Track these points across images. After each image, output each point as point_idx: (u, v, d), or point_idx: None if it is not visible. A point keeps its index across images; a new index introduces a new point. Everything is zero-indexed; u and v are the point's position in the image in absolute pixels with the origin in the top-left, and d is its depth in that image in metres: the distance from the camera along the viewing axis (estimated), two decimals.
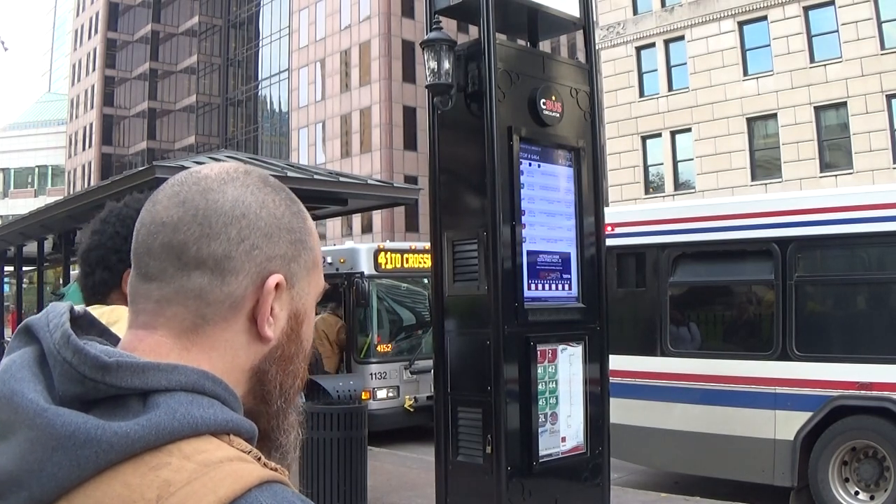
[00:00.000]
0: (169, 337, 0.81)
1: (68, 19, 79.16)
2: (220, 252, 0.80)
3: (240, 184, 0.83)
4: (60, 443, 0.71)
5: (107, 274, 1.81)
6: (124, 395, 0.75)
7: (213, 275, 0.80)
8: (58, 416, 0.72)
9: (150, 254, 0.81)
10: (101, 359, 0.74)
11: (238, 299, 0.82)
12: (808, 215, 7.21)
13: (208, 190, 0.82)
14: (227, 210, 0.81)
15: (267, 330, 0.83)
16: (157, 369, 0.76)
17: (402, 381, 11.50)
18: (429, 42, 4.77)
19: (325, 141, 46.58)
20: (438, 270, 4.90)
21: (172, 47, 63.93)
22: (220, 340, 0.82)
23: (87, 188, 19.41)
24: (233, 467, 0.72)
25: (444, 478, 4.80)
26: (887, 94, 23.25)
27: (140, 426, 0.72)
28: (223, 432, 0.76)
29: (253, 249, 0.82)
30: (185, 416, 0.74)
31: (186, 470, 0.71)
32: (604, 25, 28.85)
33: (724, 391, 7.33)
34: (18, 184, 74.47)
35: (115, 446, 0.71)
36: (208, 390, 0.78)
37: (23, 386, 0.74)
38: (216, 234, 0.80)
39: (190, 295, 0.81)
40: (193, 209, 0.81)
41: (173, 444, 0.73)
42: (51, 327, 0.78)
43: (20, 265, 16.63)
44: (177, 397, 0.75)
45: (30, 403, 0.73)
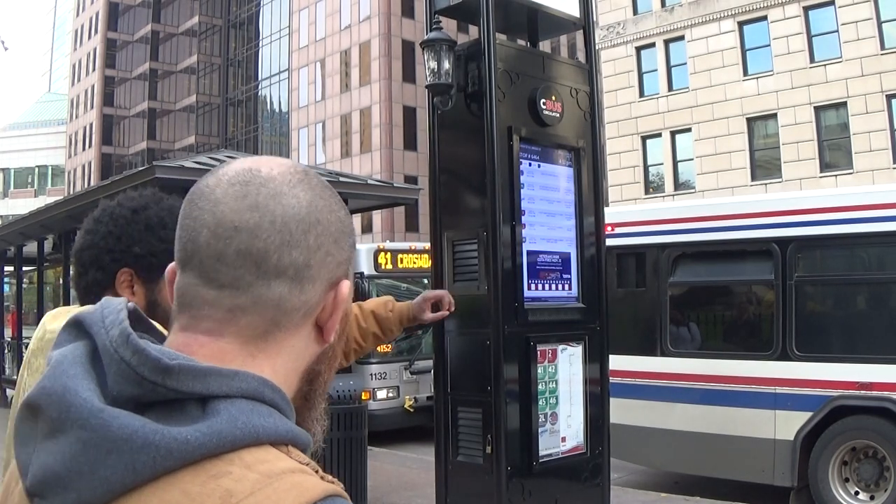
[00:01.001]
0: (235, 344, 0.78)
1: (68, 19, 79.17)
2: (301, 260, 0.78)
3: (307, 187, 0.81)
4: (116, 446, 0.68)
5: (100, 274, 1.79)
6: (182, 400, 0.72)
7: (293, 283, 0.78)
8: (114, 417, 0.69)
9: (223, 260, 0.77)
10: (163, 361, 0.72)
11: (312, 306, 0.81)
12: (808, 215, 7.21)
13: (280, 194, 0.78)
14: (304, 216, 0.79)
15: (332, 336, 0.83)
16: (219, 375, 0.73)
17: (402, 381, 11.51)
18: (429, 42, 4.77)
19: (325, 141, 46.59)
20: (438, 270, 4.90)
21: (172, 47, 63.94)
22: (287, 346, 0.80)
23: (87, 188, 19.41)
24: (295, 479, 0.70)
25: (444, 478, 4.80)
26: (887, 94, 23.25)
27: (201, 433, 0.69)
28: (282, 443, 0.74)
29: (327, 256, 0.80)
30: (247, 424, 0.72)
31: (249, 480, 0.69)
32: (604, 25, 28.86)
33: (724, 391, 7.33)
34: (18, 184, 74.48)
35: (174, 452, 0.68)
36: (267, 399, 0.75)
37: (76, 383, 0.71)
38: (297, 242, 0.78)
39: (269, 304, 0.78)
40: (270, 215, 0.77)
41: (234, 453, 0.70)
42: (107, 324, 0.75)
43: (20, 265, 16.64)
44: (237, 404, 0.73)
45: (84, 402, 0.70)
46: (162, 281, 1.81)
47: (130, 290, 1.78)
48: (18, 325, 16.67)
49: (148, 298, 1.78)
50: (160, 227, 1.79)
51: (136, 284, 1.79)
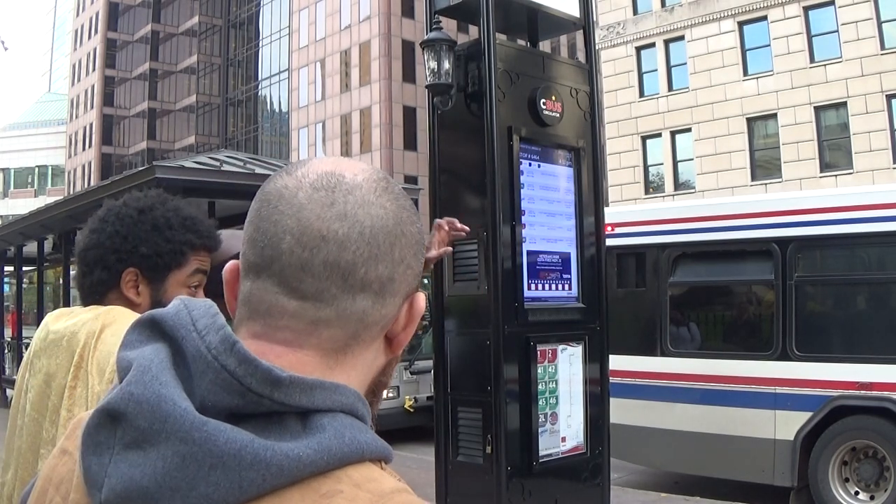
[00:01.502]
0: (315, 356, 0.74)
1: (68, 19, 79.16)
2: (386, 275, 0.75)
3: (392, 196, 0.77)
4: (221, 461, 0.64)
5: (105, 274, 1.79)
6: (281, 413, 0.69)
7: (377, 298, 0.75)
8: (220, 431, 0.65)
9: (308, 270, 0.73)
10: (275, 373, 0.68)
11: (390, 320, 0.78)
12: (808, 215, 7.21)
13: (368, 203, 0.75)
14: (391, 228, 0.75)
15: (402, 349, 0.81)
16: (323, 388, 0.71)
17: (402, 381, 11.51)
18: (429, 42, 4.77)
19: (325, 141, 46.59)
20: (438, 270, 4.90)
21: (172, 47, 63.94)
22: (362, 359, 0.78)
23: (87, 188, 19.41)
24: (404, 499, 0.69)
25: (444, 478, 4.80)
26: (887, 94, 23.25)
27: (312, 449, 0.67)
28: (378, 459, 0.72)
29: (408, 269, 0.77)
30: (353, 440, 0.69)
31: (361, 500, 0.66)
32: (604, 25, 28.86)
33: (724, 391, 7.33)
34: (18, 184, 74.47)
35: (285, 470, 0.65)
36: (360, 413, 0.73)
37: (171, 392, 0.67)
38: (383, 256, 0.74)
39: (353, 318, 0.75)
40: (359, 226, 0.73)
41: (340, 471, 0.68)
42: (199, 327, 0.71)
43: (20, 265, 16.64)
44: (339, 419, 0.70)
45: (184, 413, 0.66)
46: (167, 281, 1.81)
47: (135, 290, 1.78)
48: (18, 325, 16.66)
49: (153, 299, 1.78)
50: (166, 227, 1.79)
51: (142, 284, 1.79)
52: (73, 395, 1.63)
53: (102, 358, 1.62)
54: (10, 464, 1.74)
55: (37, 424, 1.68)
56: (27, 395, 1.73)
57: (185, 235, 1.81)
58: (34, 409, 1.70)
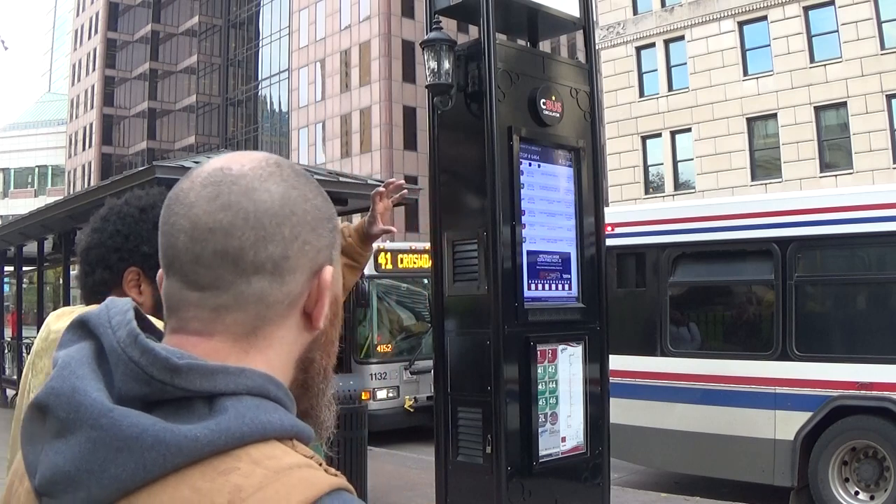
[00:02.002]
0: (227, 342, 0.79)
1: (68, 19, 79.15)
2: (278, 253, 0.79)
3: (279, 178, 0.81)
4: (126, 444, 0.69)
5: (107, 273, 1.78)
6: (189, 398, 0.74)
7: (273, 277, 0.79)
8: (124, 416, 0.70)
9: (200, 262, 0.78)
10: (172, 360, 0.73)
11: (296, 297, 0.81)
12: (808, 215, 7.21)
13: (252, 189, 0.79)
14: (277, 209, 0.79)
15: (321, 322, 0.84)
16: (226, 373, 0.75)
17: (402, 381, 11.51)
18: (429, 42, 4.77)
19: (325, 141, 46.59)
20: (438, 270, 4.90)
21: (172, 47, 63.93)
22: (276, 338, 0.81)
23: (87, 188, 19.41)
24: (303, 474, 0.72)
25: (444, 478, 4.80)
26: (887, 94, 23.25)
27: (209, 430, 0.71)
28: (287, 437, 0.76)
29: (305, 245, 0.81)
30: (254, 420, 0.73)
31: (257, 475, 0.70)
32: (604, 25, 28.86)
33: (724, 391, 7.33)
34: (18, 184, 74.47)
35: (184, 450, 0.70)
36: (272, 395, 0.77)
37: (85, 384, 0.73)
38: (271, 236, 0.78)
39: (251, 300, 0.79)
40: (243, 212, 0.78)
41: (241, 450, 0.72)
42: (113, 324, 0.76)
43: (20, 265, 16.64)
44: (244, 402, 0.74)
45: (94, 402, 0.71)
46: None
47: (138, 289, 1.78)
48: (18, 325, 16.67)
49: (155, 298, 1.78)
50: None
51: (144, 283, 1.78)
52: None
53: None
54: (13, 462, 1.74)
55: None
56: (30, 395, 1.74)
57: None
58: None
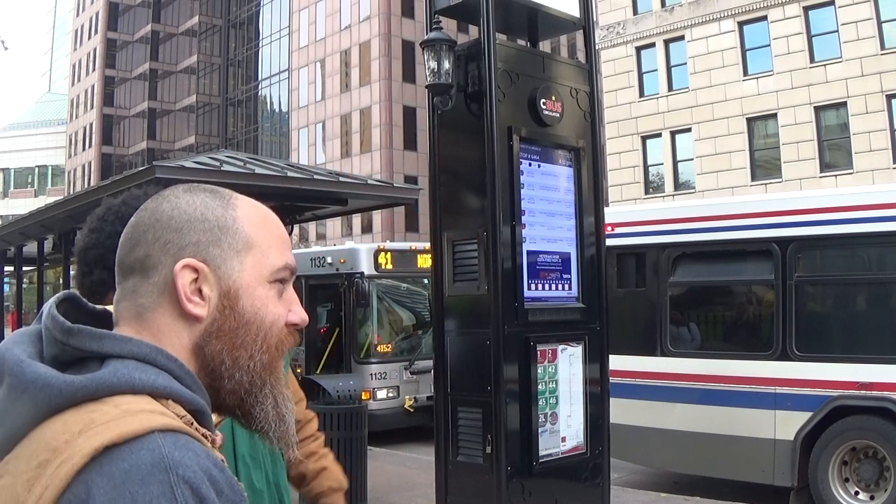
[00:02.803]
0: (125, 326, 0.97)
1: (68, 19, 79.14)
2: (142, 254, 0.97)
3: (161, 198, 1.01)
4: (26, 387, 0.86)
5: (105, 273, 1.78)
6: (88, 359, 0.90)
7: (141, 273, 0.97)
8: (29, 366, 0.88)
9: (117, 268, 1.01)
10: (66, 324, 0.91)
11: (162, 287, 0.96)
12: (808, 215, 7.21)
13: (139, 210, 1.01)
14: (145, 220, 0.99)
15: (189, 307, 0.96)
16: (113, 338, 0.92)
17: (402, 381, 11.50)
18: (429, 42, 4.77)
19: (325, 141, 46.57)
20: (438, 270, 4.90)
21: (172, 47, 63.92)
22: (161, 324, 0.96)
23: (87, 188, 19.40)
24: (147, 415, 0.84)
25: (444, 478, 4.80)
26: (887, 94, 23.24)
27: (85, 378, 0.86)
28: (161, 396, 0.89)
29: (166, 244, 0.96)
30: (125, 375, 0.88)
31: (110, 414, 0.84)
32: (604, 25, 28.85)
33: (724, 391, 7.33)
34: (18, 184, 74.46)
35: (63, 392, 0.85)
36: (160, 363, 0.91)
37: (14, 346, 0.92)
38: (139, 242, 0.98)
39: (128, 292, 0.98)
40: (129, 228, 1.00)
41: (110, 398, 0.86)
42: (48, 305, 0.96)
43: (20, 265, 16.62)
44: (126, 363, 0.89)
45: (13, 356, 0.89)
46: None
47: None
48: (18, 325, 16.67)
49: None
50: None
51: None
52: None
53: None
54: None
55: None
56: None
57: None
58: None
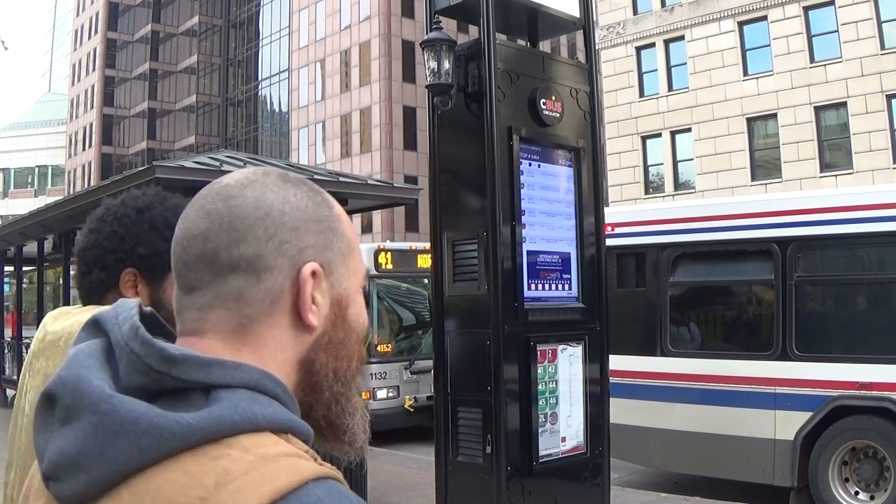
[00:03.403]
0: (216, 340, 0.83)
1: (68, 19, 79.14)
2: (251, 252, 0.83)
3: (259, 185, 0.86)
4: (123, 429, 0.73)
5: (104, 274, 1.78)
6: (187, 389, 0.77)
7: (249, 275, 0.83)
8: (122, 402, 0.74)
9: (187, 266, 0.84)
10: (168, 351, 0.77)
11: (277, 294, 0.84)
12: (808, 215, 7.21)
13: (230, 196, 0.85)
14: (251, 212, 0.83)
15: (311, 318, 0.85)
16: (222, 366, 0.79)
17: (402, 381, 11.50)
18: (429, 42, 4.77)
19: (325, 141, 46.58)
20: (438, 270, 4.90)
21: (172, 47, 63.91)
22: (268, 338, 0.84)
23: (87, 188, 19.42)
24: (290, 461, 0.75)
25: (444, 478, 4.80)
26: (887, 94, 23.24)
27: (201, 418, 0.74)
28: (281, 430, 0.78)
29: (282, 244, 0.84)
30: (246, 411, 0.76)
31: (245, 461, 0.73)
32: (604, 25, 28.85)
33: (724, 391, 7.33)
34: (18, 184, 74.47)
35: (177, 435, 0.73)
36: (269, 390, 0.80)
37: (89, 373, 0.77)
38: (243, 237, 0.83)
39: (229, 297, 0.83)
40: (218, 217, 0.83)
41: (233, 438, 0.74)
42: (119, 320, 0.81)
43: (20, 265, 16.63)
44: (239, 394, 0.77)
45: (95, 389, 0.75)
46: (166, 281, 1.81)
47: (134, 289, 1.78)
48: (18, 325, 16.67)
49: (152, 298, 1.78)
50: (165, 226, 1.77)
51: (140, 284, 1.78)
52: None
53: None
54: (13, 464, 1.74)
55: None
56: (27, 395, 1.73)
57: None
58: (33, 410, 1.69)
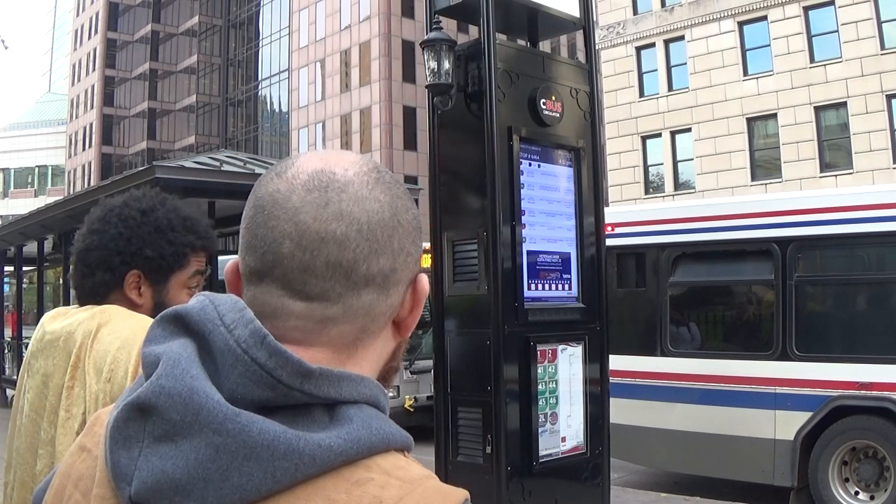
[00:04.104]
0: (327, 353, 0.76)
1: (68, 19, 79.15)
2: (388, 267, 0.76)
3: (385, 187, 0.78)
4: (255, 451, 0.66)
5: (108, 275, 1.78)
6: (309, 405, 0.71)
7: (381, 290, 0.76)
8: (253, 422, 0.67)
9: (311, 272, 0.74)
10: (305, 365, 0.70)
11: (397, 308, 0.80)
12: (808, 215, 7.21)
13: (363, 199, 0.75)
14: (388, 221, 0.76)
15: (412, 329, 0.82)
16: (350, 380, 0.73)
17: (402, 381, 11.50)
18: (429, 42, 4.77)
19: (325, 141, 46.60)
20: (438, 270, 4.90)
21: (172, 47, 63.93)
22: (372, 349, 0.79)
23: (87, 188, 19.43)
24: (434, 484, 0.72)
25: (444, 478, 4.76)
26: (887, 94, 23.24)
27: (342, 439, 0.69)
28: (405, 448, 0.75)
29: (408, 257, 0.79)
30: (379, 430, 0.72)
31: (393, 486, 0.69)
32: (604, 25, 28.85)
33: (724, 391, 7.33)
34: (18, 184, 74.48)
35: (318, 460, 0.67)
36: (382, 404, 0.76)
37: (203, 385, 0.68)
38: (383, 249, 0.76)
39: (360, 313, 0.76)
40: (356, 223, 0.74)
41: (370, 459, 0.70)
42: (227, 322, 0.72)
43: (20, 265, 16.64)
44: (365, 410, 0.73)
45: (217, 405, 0.67)
46: (169, 283, 1.81)
47: (138, 291, 1.78)
48: (18, 325, 16.66)
49: (155, 300, 1.78)
50: (169, 229, 1.79)
51: (144, 286, 1.79)
52: (71, 395, 1.63)
53: (99, 357, 1.62)
54: (12, 464, 1.74)
55: (35, 425, 1.68)
56: (25, 395, 1.73)
57: (186, 237, 1.82)
58: (32, 410, 1.69)
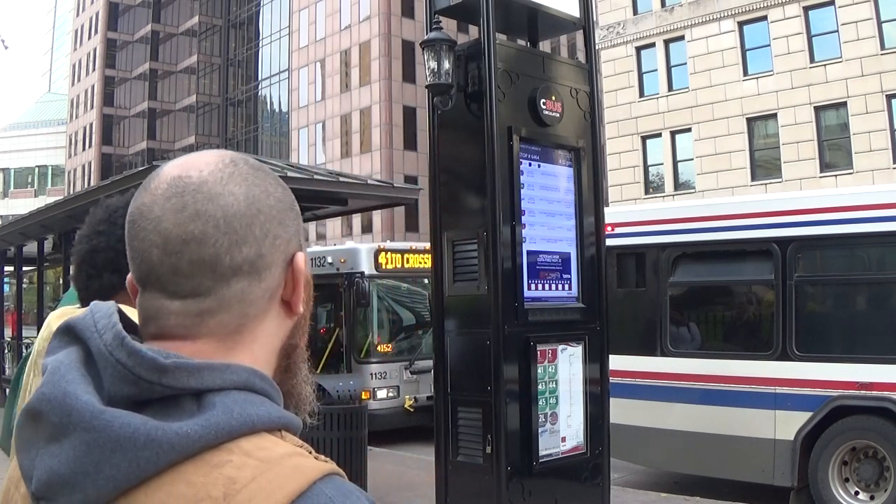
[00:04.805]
0: (211, 343, 0.81)
1: (68, 19, 79.15)
2: (254, 254, 0.80)
3: (240, 178, 0.82)
4: (119, 444, 0.71)
5: (115, 277, 1.78)
6: (177, 396, 0.75)
7: (251, 276, 0.81)
8: (116, 417, 0.72)
9: (179, 273, 0.79)
10: (159, 360, 0.74)
11: (275, 289, 0.83)
12: (808, 215, 7.21)
13: (216, 195, 0.80)
14: (244, 211, 0.80)
15: (301, 307, 0.86)
16: (211, 369, 0.77)
17: (402, 381, 11.50)
18: (429, 42, 4.78)
19: (325, 141, 46.58)
20: (438, 270, 4.90)
21: (172, 47, 63.91)
22: (260, 332, 0.83)
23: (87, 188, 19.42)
24: (294, 462, 0.74)
25: (444, 478, 4.80)
26: (887, 94, 23.24)
27: (200, 426, 0.72)
28: (276, 428, 0.78)
29: (276, 240, 0.82)
30: (242, 414, 0.75)
31: (249, 467, 0.72)
32: (604, 25, 28.85)
33: (724, 391, 7.33)
34: (18, 184, 74.49)
35: (177, 447, 0.71)
36: (258, 388, 0.79)
37: (75, 388, 0.74)
38: (244, 239, 0.80)
39: (234, 301, 0.81)
40: (213, 220, 0.79)
41: (232, 443, 0.73)
42: (99, 328, 0.78)
43: (20, 265, 16.64)
44: (231, 396, 0.76)
45: (85, 405, 0.72)
46: None
47: None
48: (18, 325, 16.67)
49: None
50: None
51: None
52: None
53: None
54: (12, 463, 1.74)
55: None
56: (30, 395, 1.73)
57: None
58: None
